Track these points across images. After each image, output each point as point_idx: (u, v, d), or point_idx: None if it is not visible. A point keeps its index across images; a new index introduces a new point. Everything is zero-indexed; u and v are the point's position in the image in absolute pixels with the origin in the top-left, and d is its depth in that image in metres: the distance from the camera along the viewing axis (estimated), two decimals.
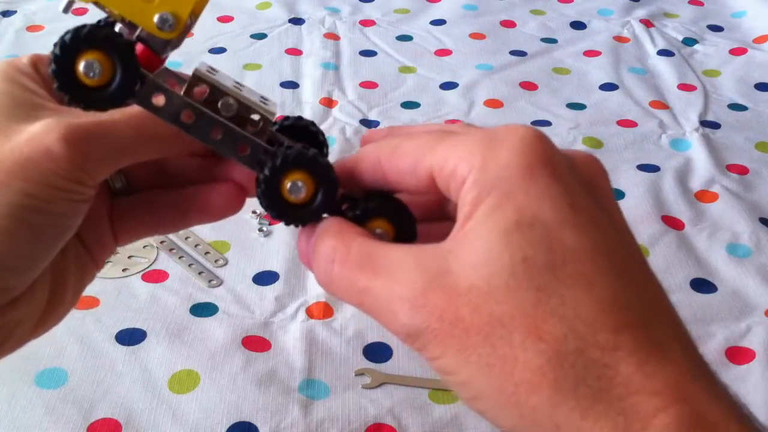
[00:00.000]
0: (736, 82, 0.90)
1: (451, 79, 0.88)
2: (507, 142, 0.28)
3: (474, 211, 0.27)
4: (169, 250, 0.65)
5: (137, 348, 0.56)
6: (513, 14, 1.02)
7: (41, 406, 0.52)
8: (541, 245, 0.26)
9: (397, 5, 1.02)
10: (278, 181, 0.33)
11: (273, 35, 0.95)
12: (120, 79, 0.32)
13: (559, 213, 0.27)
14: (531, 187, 0.27)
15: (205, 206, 0.37)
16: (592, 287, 0.26)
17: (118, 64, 0.31)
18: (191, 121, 0.33)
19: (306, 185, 0.33)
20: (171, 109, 0.33)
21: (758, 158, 0.78)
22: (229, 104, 0.33)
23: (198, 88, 0.33)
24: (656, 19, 1.01)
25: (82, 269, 0.37)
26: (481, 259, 0.27)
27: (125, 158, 0.34)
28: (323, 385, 0.55)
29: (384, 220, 0.33)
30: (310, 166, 0.32)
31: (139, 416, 0.52)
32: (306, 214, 0.33)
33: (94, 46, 0.31)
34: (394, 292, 0.28)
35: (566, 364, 0.25)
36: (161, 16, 0.31)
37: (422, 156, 0.30)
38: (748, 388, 0.55)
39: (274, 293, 0.61)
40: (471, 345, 0.26)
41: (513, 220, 0.27)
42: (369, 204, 0.33)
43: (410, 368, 0.56)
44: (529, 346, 0.26)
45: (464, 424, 0.52)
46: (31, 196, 0.32)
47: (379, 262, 0.29)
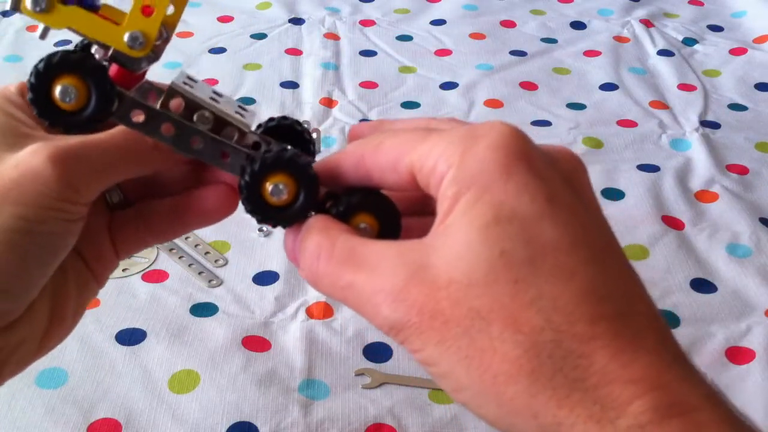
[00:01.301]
0: (736, 82, 0.90)
1: (451, 79, 0.88)
2: (485, 138, 0.28)
3: (453, 206, 0.28)
4: (169, 250, 0.65)
5: (137, 348, 0.56)
6: (513, 14, 1.02)
7: (41, 406, 0.52)
8: (519, 239, 0.27)
9: (397, 5, 1.02)
10: (259, 185, 0.33)
11: (273, 35, 0.95)
12: (95, 101, 0.32)
13: (536, 207, 0.27)
14: (509, 182, 0.28)
15: (201, 210, 0.37)
16: (570, 279, 0.27)
17: (93, 87, 0.32)
18: (171, 133, 0.34)
19: (287, 187, 0.33)
20: (151, 123, 0.34)
21: (758, 158, 0.78)
22: (204, 117, 0.34)
23: (174, 101, 0.34)
24: (656, 19, 1.01)
25: (83, 287, 0.37)
26: (461, 254, 0.27)
27: (113, 175, 0.35)
28: (323, 385, 0.55)
29: (368, 214, 0.33)
30: (289, 168, 0.33)
31: (139, 416, 0.52)
32: (290, 215, 0.34)
33: (68, 71, 0.32)
34: (376, 287, 0.29)
35: (543, 354, 0.26)
36: (131, 35, 0.32)
37: (403, 153, 0.30)
38: (748, 388, 0.55)
39: (274, 293, 0.61)
40: (450, 337, 0.27)
41: (491, 215, 0.27)
42: (352, 199, 0.33)
43: (410, 368, 0.56)
44: (506, 337, 0.26)
45: (464, 424, 0.52)
46: (23, 219, 0.32)
47: (362, 257, 0.30)
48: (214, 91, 0.36)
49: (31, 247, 0.33)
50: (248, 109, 0.37)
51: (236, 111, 0.36)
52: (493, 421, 0.28)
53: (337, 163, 0.33)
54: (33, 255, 0.33)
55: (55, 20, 0.31)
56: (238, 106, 0.36)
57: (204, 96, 0.35)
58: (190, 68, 0.88)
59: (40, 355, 0.37)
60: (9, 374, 0.36)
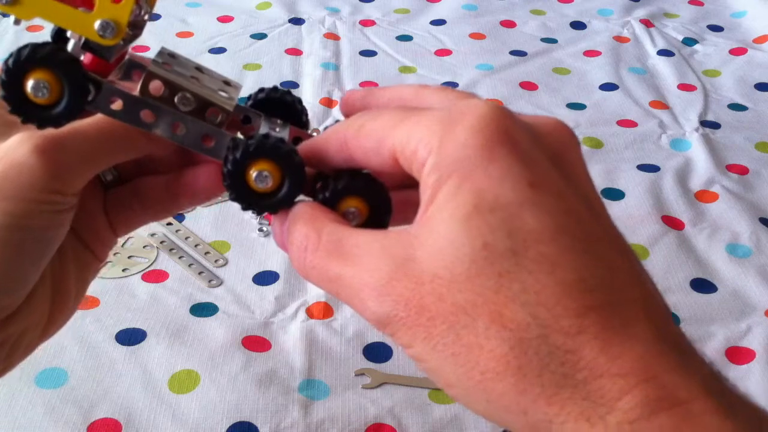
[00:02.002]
0: (736, 82, 0.90)
1: (451, 79, 0.88)
2: (465, 120, 0.27)
3: (435, 195, 0.27)
4: (169, 250, 0.65)
5: (137, 348, 0.56)
6: (513, 14, 1.02)
7: (41, 406, 0.52)
8: (501, 230, 0.26)
9: (397, 5, 1.02)
10: (243, 172, 0.32)
11: (273, 35, 0.95)
12: (69, 95, 0.32)
13: (519, 194, 0.26)
14: (490, 167, 0.26)
15: (193, 188, 0.37)
16: (554, 270, 0.25)
17: (65, 80, 0.31)
18: (153, 120, 0.33)
19: (272, 174, 0.32)
20: (130, 111, 0.33)
21: (758, 158, 0.78)
22: (186, 98, 0.33)
23: (154, 84, 0.33)
24: (656, 19, 1.01)
25: (84, 267, 0.37)
26: (443, 247, 0.26)
27: (101, 163, 0.34)
28: (323, 385, 0.55)
29: (357, 198, 0.32)
30: (273, 155, 0.32)
31: (139, 416, 0.52)
32: (276, 202, 0.33)
33: (39, 65, 0.31)
34: (362, 280, 0.28)
35: (530, 351, 0.25)
36: (101, 23, 0.31)
37: (385, 136, 0.29)
38: (748, 388, 0.55)
39: (274, 293, 0.61)
40: (437, 334, 0.26)
41: (472, 204, 0.26)
42: (339, 183, 0.32)
43: (410, 368, 0.56)
44: (492, 334, 0.25)
45: (464, 424, 0.52)
46: (11, 215, 0.31)
47: (348, 249, 0.29)
48: (197, 67, 0.35)
49: (22, 243, 0.32)
50: (233, 83, 0.36)
51: (220, 88, 0.35)
52: (484, 416, 0.27)
53: (321, 147, 0.32)
54: (25, 250, 0.32)
55: (23, 11, 0.30)
56: (222, 81, 0.35)
57: (185, 74, 0.34)
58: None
59: (46, 338, 0.36)
60: (17, 360, 0.35)
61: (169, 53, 0.35)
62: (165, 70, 0.33)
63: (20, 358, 0.35)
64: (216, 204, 0.70)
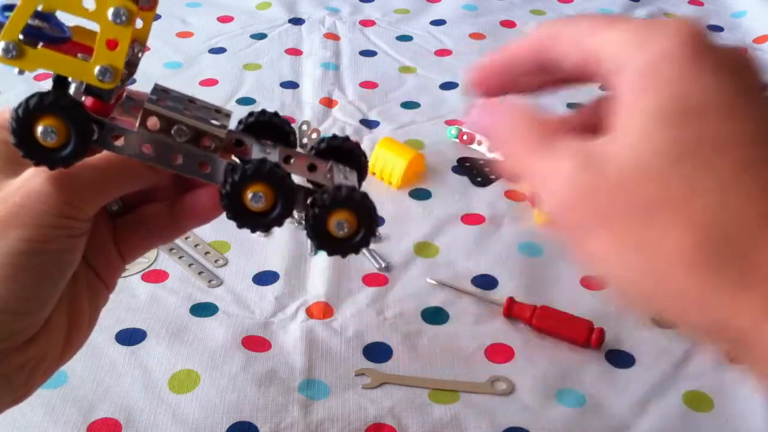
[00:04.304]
0: None
1: (451, 79, 0.88)
2: (667, 32, 0.28)
3: (632, 99, 0.28)
4: (169, 250, 0.65)
5: (137, 348, 0.56)
6: (513, 14, 1.02)
7: (41, 406, 0.52)
8: (701, 130, 0.26)
9: (397, 5, 1.02)
10: (239, 194, 0.35)
11: (273, 35, 0.95)
12: (75, 137, 0.34)
13: (723, 99, 0.27)
14: (690, 75, 0.27)
15: (197, 210, 0.39)
16: (742, 175, 0.26)
17: (70, 124, 0.34)
18: (152, 152, 0.36)
19: (266, 195, 0.35)
20: (131, 145, 0.36)
21: None
22: (182, 130, 0.36)
23: (151, 120, 0.36)
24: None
25: (95, 295, 0.39)
26: (636, 144, 0.27)
27: (110, 192, 0.37)
28: (323, 385, 0.55)
29: (346, 210, 0.36)
30: (267, 179, 0.35)
31: (139, 416, 0.52)
32: (269, 221, 0.36)
33: (46, 112, 0.33)
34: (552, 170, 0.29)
35: (716, 247, 0.25)
36: (100, 69, 0.33)
37: (585, 38, 0.30)
38: (747, 388, 0.55)
39: (274, 293, 0.61)
40: (621, 226, 0.27)
41: (670, 107, 0.27)
42: (328, 198, 0.35)
43: (410, 368, 0.56)
44: (680, 228, 0.26)
45: (464, 424, 0.52)
46: (30, 241, 0.34)
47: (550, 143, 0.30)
48: (189, 99, 0.38)
49: (40, 267, 0.35)
50: (224, 110, 0.38)
51: (212, 117, 0.37)
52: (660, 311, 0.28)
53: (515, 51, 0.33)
54: (43, 274, 0.35)
55: (27, 64, 0.33)
56: (213, 110, 0.38)
57: (179, 108, 0.37)
58: (190, 68, 0.88)
59: (63, 362, 0.39)
60: (36, 385, 0.38)
61: (162, 89, 0.38)
62: (160, 105, 0.36)
63: (39, 382, 0.38)
64: None
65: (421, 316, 0.60)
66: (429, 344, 0.58)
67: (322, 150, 0.40)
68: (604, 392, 0.55)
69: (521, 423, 0.53)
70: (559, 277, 0.63)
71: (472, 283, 0.63)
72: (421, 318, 0.60)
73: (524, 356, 0.57)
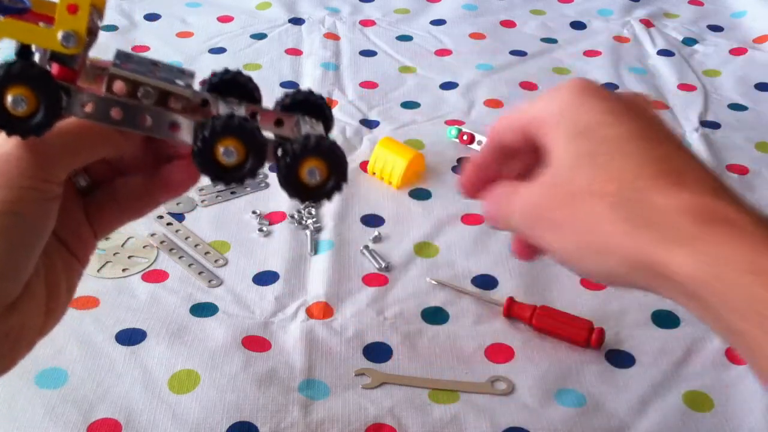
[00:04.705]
0: (736, 82, 0.90)
1: (451, 79, 0.88)
2: (566, 87, 0.40)
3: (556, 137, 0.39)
4: (169, 250, 0.65)
5: (137, 348, 0.56)
6: (513, 14, 1.02)
7: (41, 406, 0.52)
8: (594, 139, 0.38)
9: (397, 5, 1.02)
10: (211, 149, 0.36)
11: (273, 35, 0.95)
12: (45, 106, 0.34)
13: (604, 117, 0.38)
14: (581, 108, 0.39)
15: (168, 185, 0.41)
16: (631, 156, 0.37)
17: (39, 92, 0.34)
18: (121, 116, 0.36)
19: (237, 149, 0.36)
20: (100, 111, 0.36)
21: (758, 158, 0.78)
22: (148, 92, 0.37)
23: (117, 84, 0.36)
24: (656, 19, 1.01)
25: (70, 269, 0.40)
26: (559, 157, 0.38)
27: (79, 155, 0.37)
28: (323, 385, 0.55)
29: (316, 158, 0.37)
30: (238, 133, 0.36)
31: (139, 416, 0.52)
32: (242, 175, 0.37)
33: (14, 81, 0.34)
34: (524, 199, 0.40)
35: (625, 206, 0.36)
36: (63, 35, 0.34)
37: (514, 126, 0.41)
38: (747, 388, 0.55)
39: (274, 293, 0.61)
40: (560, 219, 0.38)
41: (574, 130, 0.38)
42: (297, 147, 0.37)
43: (410, 368, 0.56)
44: (597, 201, 0.36)
45: (464, 424, 0.52)
46: (6, 202, 0.35)
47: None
48: (152, 62, 0.38)
49: (15, 231, 0.35)
50: (187, 71, 0.39)
51: (176, 77, 0.38)
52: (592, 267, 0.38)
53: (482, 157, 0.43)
54: (18, 238, 0.35)
55: None
56: (177, 71, 0.38)
57: (143, 70, 0.37)
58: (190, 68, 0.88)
59: (44, 334, 0.39)
60: (20, 356, 0.38)
61: (125, 54, 0.38)
62: (124, 69, 0.36)
63: (22, 354, 0.38)
64: (216, 204, 0.70)
65: (421, 316, 0.60)
66: (429, 344, 0.58)
67: (287, 105, 0.40)
68: (604, 392, 0.55)
69: (521, 423, 0.53)
70: (559, 277, 0.63)
71: (472, 283, 0.63)
72: (421, 318, 0.60)
73: (524, 356, 0.57)
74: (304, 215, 0.68)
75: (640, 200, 0.36)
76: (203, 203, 0.70)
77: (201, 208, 0.69)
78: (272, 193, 0.71)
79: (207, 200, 0.70)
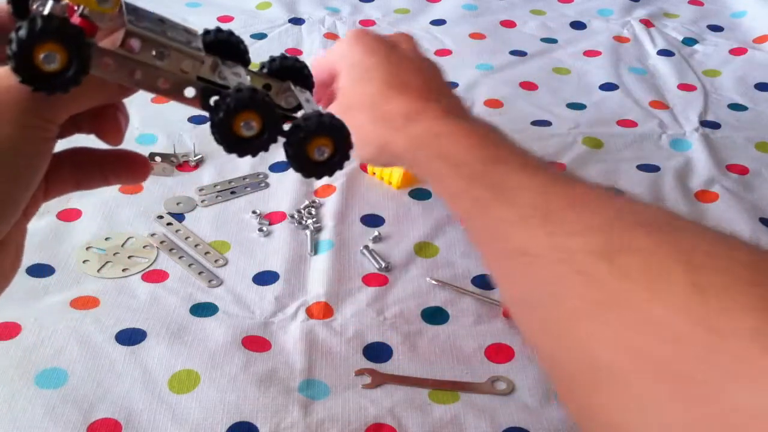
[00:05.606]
0: (736, 82, 0.90)
1: (452, 79, 0.88)
2: (345, 39, 0.62)
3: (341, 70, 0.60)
4: (169, 250, 0.65)
5: (137, 348, 0.56)
6: (513, 14, 1.02)
7: (41, 406, 0.52)
8: (359, 68, 0.58)
9: (397, 5, 1.02)
10: (231, 121, 0.37)
11: (273, 35, 0.95)
12: (77, 64, 0.34)
13: (365, 55, 0.59)
14: (354, 49, 0.60)
15: (127, 175, 0.42)
16: (377, 80, 0.57)
17: (73, 50, 0.34)
18: (141, 77, 0.36)
19: (255, 123, 0.37)
20: (121, 70, 0.36)
21: (758, 158, 0.78)
22: (162, 53, 0.37)
23: (132, 41, 0.36)
24: (656, 19, 1.01)
25: (20, 226, 0.40)
26: (343, 87, 0.59)
27: (83, 100, 0.37)
28: (323, 385, 0.55)
29: (326, 137, 0.38)
30: (260, 107, 0.37)
31: (139, 416, 0.52)
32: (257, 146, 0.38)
33: (49, 38, 0.33)
34: None
35: (377, 115, 0.55)
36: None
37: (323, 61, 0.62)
38: None
39: (274, 293, 0.61)
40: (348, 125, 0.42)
41: (349, 65, 0.59)
42: (311, 125, 0.38)
43: (410, 368, 0.56)
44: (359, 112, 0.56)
45: (464, 424, 0.52)
46: (9, 138, 0.35)
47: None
48: (160, 18, 0.38)
49: (14, 167, 0.35)
50: (192, 30, 0.39)
51: (187, 39, 0.38)
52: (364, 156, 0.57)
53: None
54: (16, 175, 0.36)
55: None
56: (184, 30, 0.39)
57: (157, 29, 0.37)
58: None
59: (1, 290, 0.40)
60: None
61: (133, 7, 0.37)
62: (139, 26, 0.36)
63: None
64: (216, 204, 0.70)
65: (421, 316, 0.60)
66: (429, 344, 0.58)
67: (275, 69, 0.42)
68: None
69: (521, 423, 0.53)
70: None
71: (472, 283, 0.63)
72: (421, 318, 0.60)
73: (524, 356, 0.57)
74: (304, 215, 0.68)
75: (380, 107, 0.55)
76: (203, 203, 0.70)
77: (201, 208, 0.69)
78: (272, 193, 0.71)
79: (207, 200, 0.70)
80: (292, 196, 0.70)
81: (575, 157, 0.77)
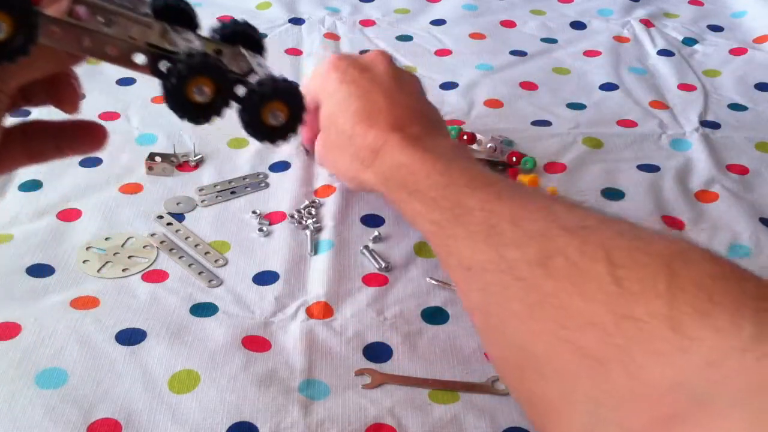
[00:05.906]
0: (736, 82, 0.90)
1: (451, 79, 0.88)
2: (322, 69, 0.65)
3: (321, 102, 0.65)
4: (169, 250, 0.65)
5: (137, 348, 0.56)
6: (513, 14, 1.02)
7: (41, 406, 0.52)
8: (333, 99, 0.63)
9: (397, 5, 1.02)
10: (183, 87, 0.37)
11: (273, 35, 0.95)
12: (24, 32, 0.33)
13: (336, 86, 0.63)
14: (328, 81, 0.64)
15: (81, 139, 0.43)
16: (348, 110, 0.61)
17: (20, 19, 0.33)
18: (89, 45, 0.36)
19: (208, 89, 0.38)
20: (68, 37, 0.36)
21: (758, 158, 0.78)
22: (110, 20, 0.37)
23: (80, 8, 0.36)
24: (656, 19, 1.01)
25: None
26: (323, 121, 0.64)
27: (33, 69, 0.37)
28: (323, 385, 0.55)
29: (279, 102, 0.39)
30: (212, 72, 0.37)
31: (139, 416, 0.52)
32: (210, 111, 0.38)
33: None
34: None
35: (347, 149, 0.61)
36: None
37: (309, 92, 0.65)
38: None
39: (274, 293, 0.61)
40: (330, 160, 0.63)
41: (325, 98, 0.64)
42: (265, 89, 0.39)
43: (410, 368, 0.56)
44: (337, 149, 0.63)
45: (464, 424, 0.52)
46: None
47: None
48: None
49: None
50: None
51: (134, 5, 0.38)
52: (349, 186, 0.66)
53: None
54: None
55: None
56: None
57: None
58: None
59: None
60: None
61: None
62: None
63: None
64: (216, 204, 0.70)
65: (421, 316, 0.60)
66: (429, 344, 0.58)
67: (227, 34, 0.43)
68: None
69: (521, 423, 0.53)
70: None
71: None
72: (421, 318, 0.60)
73: None
74: (304, 215, 0.68)
75: (353, 143, 0.60)
76: (203, 203, 0.70)
77: (201, 208, 0.69)
78: (272, 193, 0.71)
79: (207, 200, 0.70)
80: (292, 196, 0.70)
81: (575, 157, 0.77)
